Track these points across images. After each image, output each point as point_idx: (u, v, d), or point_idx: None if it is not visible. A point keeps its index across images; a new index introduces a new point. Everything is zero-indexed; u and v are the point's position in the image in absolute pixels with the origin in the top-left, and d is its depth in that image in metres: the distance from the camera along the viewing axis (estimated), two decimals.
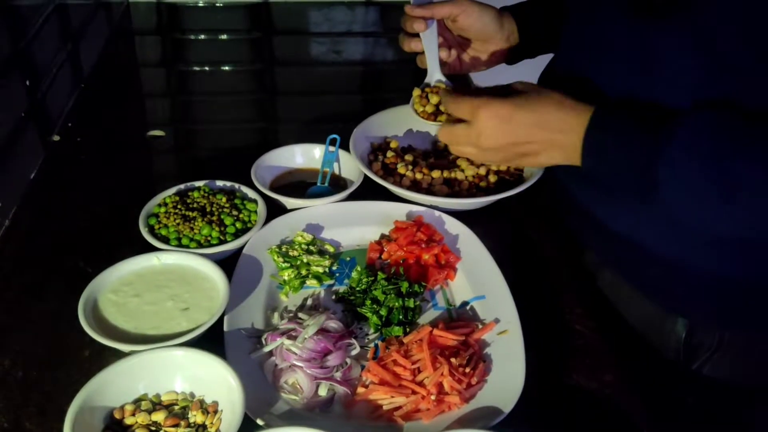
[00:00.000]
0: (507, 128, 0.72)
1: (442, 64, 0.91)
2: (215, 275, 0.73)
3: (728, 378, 0.80)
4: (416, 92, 0.92)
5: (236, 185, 0.88)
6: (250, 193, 0.87)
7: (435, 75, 0.92)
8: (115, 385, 0.61)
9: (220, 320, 0.69)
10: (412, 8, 0.87)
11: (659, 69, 0.68)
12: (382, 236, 0.85)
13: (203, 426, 0.61)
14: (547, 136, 0.70)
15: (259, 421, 0.61)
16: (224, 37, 1.50)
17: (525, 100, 0.72)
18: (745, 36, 0.61)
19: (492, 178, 0.92)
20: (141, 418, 0.60)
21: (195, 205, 0.83)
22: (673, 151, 0.62)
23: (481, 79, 1.24)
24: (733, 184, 0.60)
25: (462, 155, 0.82)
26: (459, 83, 0.95)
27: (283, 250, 0.80)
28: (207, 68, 1.37)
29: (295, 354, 0.66)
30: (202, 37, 1.50)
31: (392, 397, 0.64)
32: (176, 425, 0.60)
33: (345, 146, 0.95)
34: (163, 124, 1.15)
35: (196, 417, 0.61)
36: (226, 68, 1.38)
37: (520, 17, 0.92)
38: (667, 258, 0.75)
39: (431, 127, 0.99)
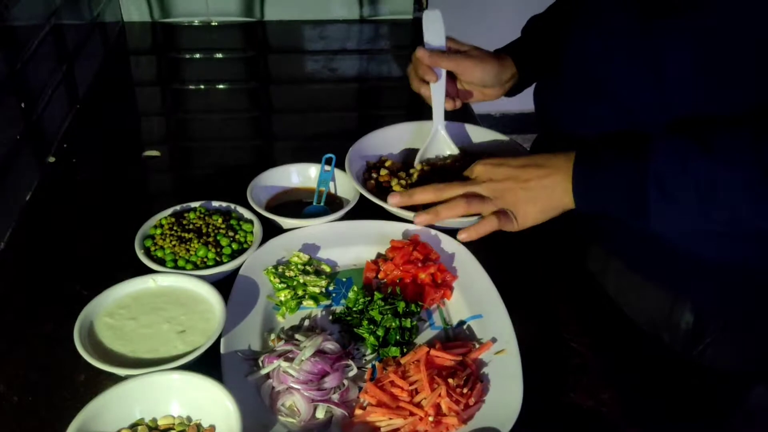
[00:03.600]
0: (500, 168, 0.81)
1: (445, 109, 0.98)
2: (211, 297, 0.73)
3: (727, 364, 0.84)
4: (418, 167, 0.97)
5: (232, 206, 0.88)
6: (246, 214, 0.87)
7: (439, 125, 0.98)
8: (112, 410, 0.61)
9: (217, 342, 0.69)
10: (423, 54, 0.93)
11: (666, 72, 0.71)
12: (379, 255, 0.85)
13: None
14: (539, 172, 0.78)
15: None
16: (219, 55, 1.51)
17: (514, 157, 0.83)
18: (744, 40, 0.64)
19: None
20: None
21: (191, 227, 0.83)
22: (656, 166, 0.68)
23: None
24: (709, 186, 0.67)
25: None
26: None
27: (280, 270, 0.80)
28: (202, 86, 1.38)
29: (292, 376, 0.66)
30: (198, 56, 1.51)
31: (390, 418, 0.64)
32: None
33: (341, 165, 0.95)
34: (158, 143, 1.16)
35: None
36: (222, 87, 1.38)
37: (519, 60, 0.99)
38: (674, 246, 0.80)
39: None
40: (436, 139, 0.99)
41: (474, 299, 0.78)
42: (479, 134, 1.05)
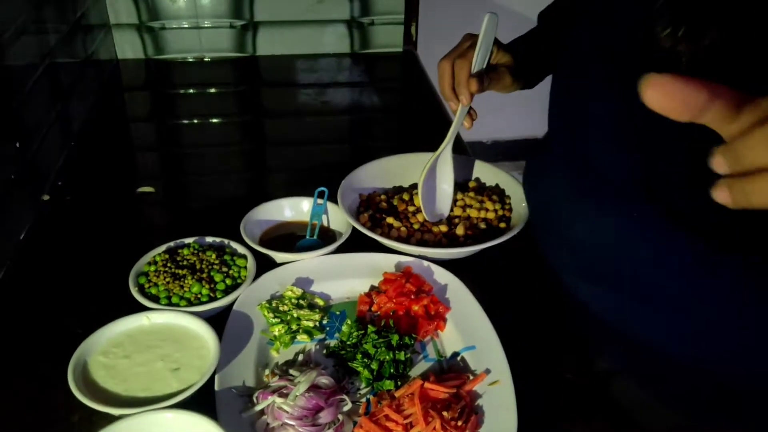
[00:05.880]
0: None
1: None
2: (205, 333, 0.73)
3: None
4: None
5: (225, 241, 0.89)
6: (240, 249, 0.88)
7: (448, 145, 0.95)
8: None
9: (211, 379, 0.69)
10: (475, 86, 0.87)
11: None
12: (372, 288, 0.85)
13: None
14: None
15: None
16: (213, 90, 1.53)
17: None
18: None
19: (468, 225, 0.93)
20: None
21: (185, 263, 0.83)
22: None
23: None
24: None
25: None
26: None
27: (273, 305, 0.80)
28: (196, 121, 1.39)
29: (287, 412, 0.66)
30: (192, 91, 1.52)
31: None
32: None
33: (333, 197, 0.96)
34: (153, 179, 1.16)
35: None
36: (215, 121, 1.40)
37: (519, 62, 0.93)
38: (695, 366, 0.71)
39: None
40: (445, 152, 0.97)
41: (467, 330, 0.78)
42: (467, 166, 1.07)
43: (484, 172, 1.05)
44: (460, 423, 0.66)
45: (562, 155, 0.81)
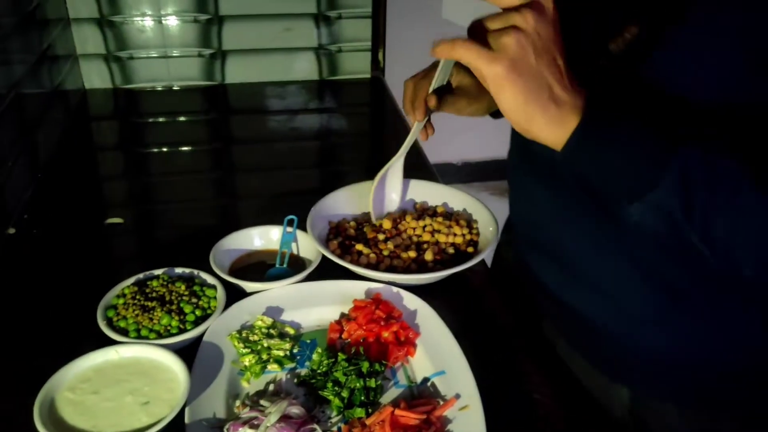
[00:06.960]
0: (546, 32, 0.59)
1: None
2: (175, 366, 0.73)
3: None
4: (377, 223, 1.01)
5: (195, 272, 0.89)
6: (209, 279, 0.88)
7: (400, 159, 0.99)
8: None
9: (182, 412, 0.69)
10: (432, 101, 0.90)
11: None
12: (342, 315, 0.86)
13: None
14: (565, 80, 0.61)
15: None
16: (182, 118, 1.53)
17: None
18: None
19: (436, 250, 0.95)
20: None
21: (154, 295, 0.83)
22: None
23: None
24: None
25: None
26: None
27: (244, 335, 0.80)
28: (165, 149, 1.39)
29: None
30: (161, 119, 1.52)
31: None
32: None
33: (303, 224, 0.96)
34: (121, 208, 1.16)
35: None
36: (185, 149, 1.40)
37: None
38: (613, 333, 0.80)
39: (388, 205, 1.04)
40: (397, 165, 1.00)
41: (437, 355, 0.79)
42: (434, 191, 1.08)
43: (452, 197, 1.07)
44: None
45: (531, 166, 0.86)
